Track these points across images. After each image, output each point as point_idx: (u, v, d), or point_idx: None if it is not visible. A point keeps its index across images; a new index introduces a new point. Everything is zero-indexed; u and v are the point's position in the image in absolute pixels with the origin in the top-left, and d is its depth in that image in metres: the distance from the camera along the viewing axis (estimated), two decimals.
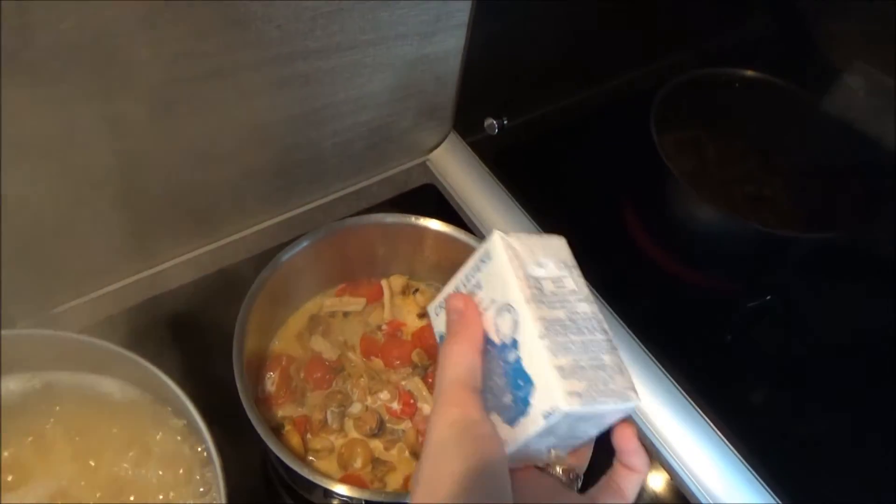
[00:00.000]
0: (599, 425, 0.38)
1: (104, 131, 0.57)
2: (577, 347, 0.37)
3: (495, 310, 0.38)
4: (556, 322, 0.37)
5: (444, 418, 0.35)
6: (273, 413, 0.62)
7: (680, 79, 0.84)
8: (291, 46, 0.62)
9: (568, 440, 0.39)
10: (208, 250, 0.76)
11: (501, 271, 0.39)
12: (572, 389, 0.35)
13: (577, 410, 0.34)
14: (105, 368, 0.57)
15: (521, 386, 0.36)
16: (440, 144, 0.89)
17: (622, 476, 0.39)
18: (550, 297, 0.38)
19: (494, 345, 0.38)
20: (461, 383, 0.36)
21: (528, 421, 0.36)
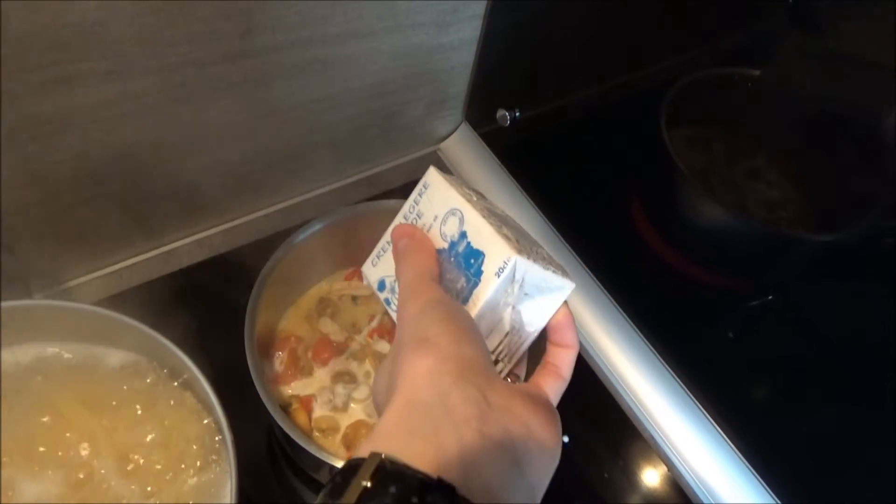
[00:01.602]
0: (543, 311, 0.42)
1: (122, 109, 0.58)
2: (517, 234, 0.43)
3: (439, 222, 0.44)
4: (496, 218, 0.43)
5: (415, 301, 0.38)
6: (280, 391, 0.63)
7: (691, 77, 0.85)
8: (310, 31, 0.63)
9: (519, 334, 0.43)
10: (221, 230, 0.77)
11: (441, 190, 0.46)
12: (519, 247, 0.40)
13: (526, 263, 0.39)
14: (117, 340, 0.58)
15: (472, 263, 0.41)
16: (452, 134, 0.90)
17: (555, 355, 0.42)
18: (485, 209, 0.44)
19: (443, 250, 0.43)
20: (424, 277, 0.41)
21: (482, 287, 0.40)
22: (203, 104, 0.62)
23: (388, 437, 0.32)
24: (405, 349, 0.35)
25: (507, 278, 0.39)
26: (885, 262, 0.79)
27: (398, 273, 0.43)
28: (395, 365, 0.36)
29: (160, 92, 0.59)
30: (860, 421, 0.73)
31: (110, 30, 0.51)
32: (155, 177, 0.66)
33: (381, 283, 0.49)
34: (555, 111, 0.91)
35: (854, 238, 0.79)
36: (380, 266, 0.50)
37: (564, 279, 0.42)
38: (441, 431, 0.31)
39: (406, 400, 0.33)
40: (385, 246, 0.50)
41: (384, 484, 0.28)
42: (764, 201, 0.90)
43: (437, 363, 0.34)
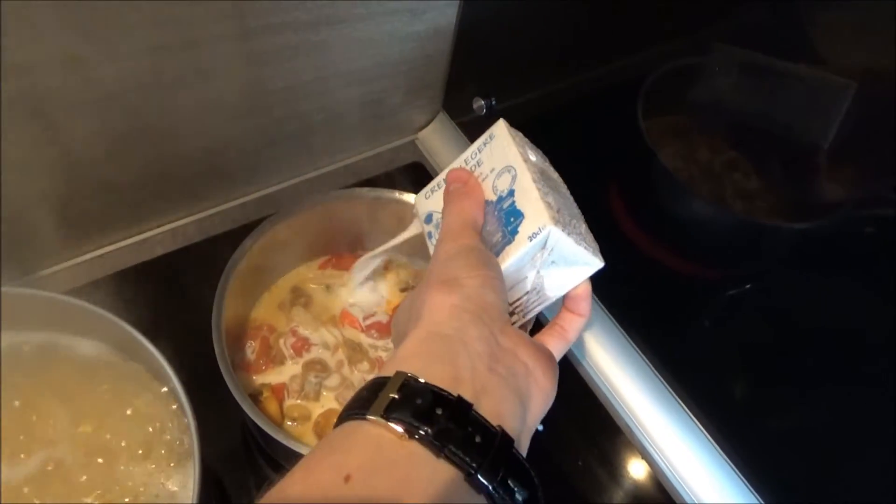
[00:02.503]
0: (566, 281, 0.44)
1: (91, 96, 0.57)
2: (560, 203, 0.44)
3: (494, 175, 0.46)
4: (545, 183, 0.44)
5: (453, 243, 0.41)
6: (252, 380, 0.63)
7: (668, 66, 0.85)
8: (282, 17, 0.62)
9: (537, 296, 0.44)
10: (194, 220, 0.77)
11: (503, 145, 0.47)
12: (557, 218, 0.41)
13: (560, 234, 0.40)
14: (86, 330, 0.57)
15: (511, 222, 0.42)
16: (429, 124, 0.90)
17: (566, 319, 0.45)
18: (541, 172, 0.45)
19: (490, 202, 0.45)
20: (468, 224, 0.43)
21: (513, 247, 0.42)
22: (173, 92, 0.62)
23: (410, 360, 0.35)
24: (433, 285, 0.38)
25: (538, 244, 0.41)
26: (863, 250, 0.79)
27: (444, 213, 0.45)
28: (421, 297, 0.39)
29: (129, 78, 0.58)
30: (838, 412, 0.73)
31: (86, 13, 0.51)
32: (126, 165, 0.66)
33: (428, 216, 0.51)
34: (532, 100, 0.90)
35: (831, 226, 0.79)
36: (432, 200, 0.51)
37: (594, 257, 0.43)
38: (457, 360, 0.35)
39: (428, 330, 0.37)
40: (441, 182, 0.51)
41: (410, 397, 0.32)
42: (742, 191, 0.90)
43: (460, 301, 0.37)
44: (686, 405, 0.71)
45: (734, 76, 0.77)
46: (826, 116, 0.68)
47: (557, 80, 0.91)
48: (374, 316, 0.69)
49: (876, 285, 0.76)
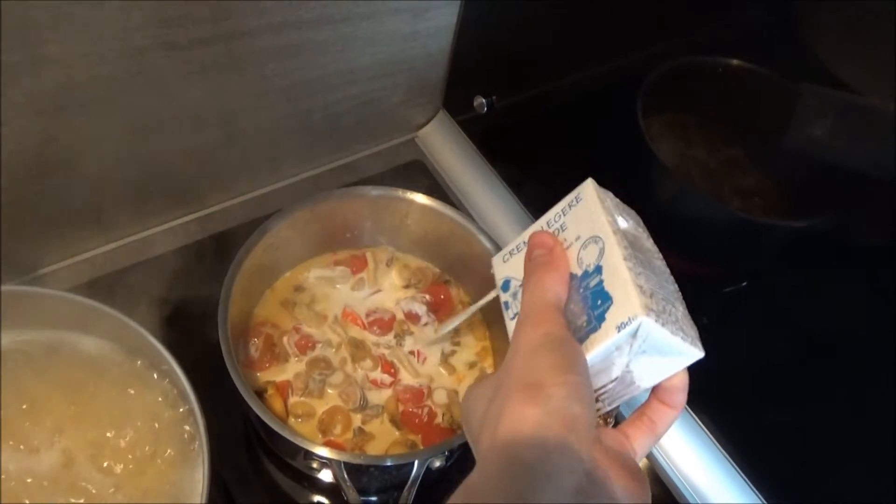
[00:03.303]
0: (659, 371, 0.39)
1: (93, 93, 0.57)
2: (654, 284, 0.39)
3: (580, 244, 0.41)
4: (637, 259, 0.39)
5: (538, 331, 0.37)
6: (256, 377, 0.63)
7: (667, 65, 0.85)
8: (284, 16, 0.62)
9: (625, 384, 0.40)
10: (196, 218, 0.77)
11: (591, 210, 0.42)
12: (649, 305, 0.36)
13: (652, 325, 0.36)
14: (91, 328, 0.57)
15: (598, 305, 0.38)
16: (429, 122, 0.90)
17: (657, 412, 0.40)
18: (632, 244, 0.41)
19: (575, 277, 0.40)
20: (552, 306, 0.38)
21: (598, 335, 0.37)
22: (175, 89, 0.62)
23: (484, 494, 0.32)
24: (515, 390, 0.35)
25: (628, 334, 0.36)
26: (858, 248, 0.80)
27: (526, 285, 0.40)
28: (501, 400, 0.35)
29: (133, 76, 0.58)
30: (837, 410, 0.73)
31: (81, 11, 0.51)
32: (128, 163, 0.66)
33: (506, 282, 0.46)
34: (532, 98, 0.91)
35: (827, 224, 0.79)
36: (510, 264, 0.46)
37: (691, 347, 0.38)
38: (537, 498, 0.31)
39: (506, 454, 0.33)
40: (521, 245, 0.46)
41: None
42: (740, 189, 0.90)
43: (544, 418, 0.33)
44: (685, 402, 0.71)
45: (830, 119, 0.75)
46: None
47: (557, 79, 0.92)
48: (376, 313, 0.69)
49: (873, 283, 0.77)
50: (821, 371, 0.75)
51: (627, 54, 0.93)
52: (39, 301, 0.55)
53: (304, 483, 0.64)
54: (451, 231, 0.68)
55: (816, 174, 0.84)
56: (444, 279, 0.73)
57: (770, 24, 0.87)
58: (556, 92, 0.93)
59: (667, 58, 0.86)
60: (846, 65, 0.77)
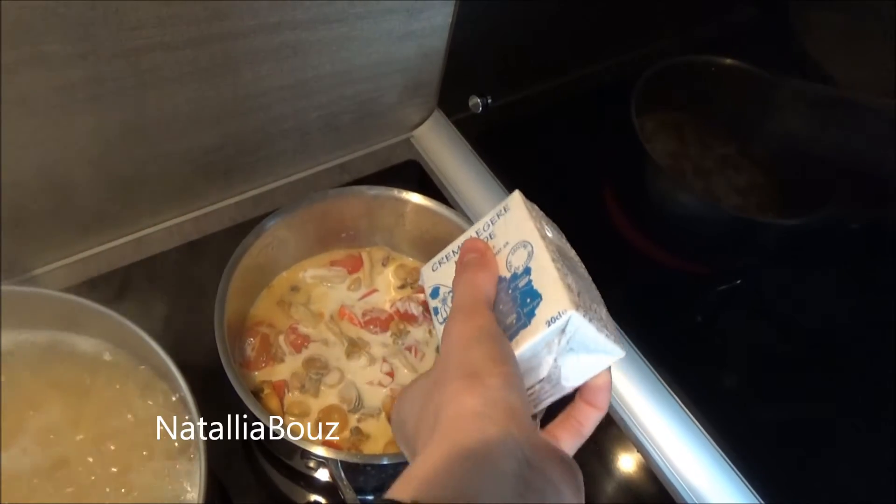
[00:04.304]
0: (584, 370, 0.40)
1: (89, 93, 0.57)
2: (581, 286, 0.40)
3: (508, 249, 0.43)
4: (564, 263, 0.41)
5: (470, 324, 0.38)
6: (252, 377, 0.63)
7: (661, 65, 0.86)
8: (280, 16, 0.62)
9: (552, 384, 0.41)
10: (192, 217, 0.77)
11: (519, 218, 0.44)
12: (577, 302, 0.38)
13: (580, 320, 0.37)
14: (87, 328, 0.57)
15: (528, 303, 0.39)
16: (424, 121, 0.90)
17: (583, 412, 0.41)
18: (558, 250, 0.42)
19: (504, 279, 0.42)
20: (482, 302, 0.39)
21: (528, 330, 0.38)
22: (171, 89, 0.62)
23: (428, 483, 0.31)
24: (452, 381, 0.35)
25: (557, 329, 0.38)
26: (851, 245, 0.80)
27: (455, 284, 0.42)
28: (440, 393, 0.35)
29: (127, 76, 0.58)
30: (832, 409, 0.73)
31: (73, 12, 0.51)
32: (123, 163, 0.66)
33: (435, 289, 0.47)
34: (527, 98, 0.91)
35: (819, 222, 0.80)
36: (440, 272, 0.48)
37: (615, 346, 0.40)
38: (485, 488, 0.31)
39: (450, 444, 0.33)
40: (450, 255, 0.47)
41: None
42: (733, 187, 0.91)
43: (484, 407, 0.33)
44: (681, 400, 0.71)
45: (803, 110, 0.75)
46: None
47: (552, 78, 0.92)
48: (372, 312, 0.69)
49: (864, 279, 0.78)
50: (817, 369, 0.76)
51: (621, 54, 0.94)
52: (35, 301, 0.55)
53: (301, 482, 0.64)
54: (447, 231, 0.69)
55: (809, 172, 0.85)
56: None
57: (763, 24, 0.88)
58: (551, 91, 0.93)
59: (661, 57, 0.87)
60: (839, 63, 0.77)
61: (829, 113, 0.77)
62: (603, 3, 0.86)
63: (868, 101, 0.74)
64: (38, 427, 0.53)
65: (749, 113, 0.88)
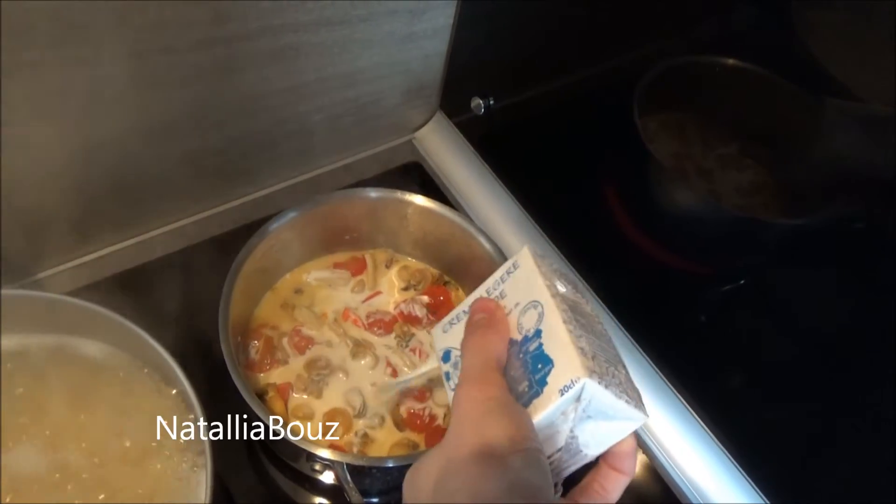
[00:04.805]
0: (605, 437, 0.38)
1: (91, 97, 0.57)
2: (596, 347, 0.38)
3: (519, 311, 0.41)
4: (577, 322, 0.39)
5: (483, 393, 0.36)
6: (256, 379, 0.63)
7: (663, 65, 0.86)
8: (282, 19, 0.62)
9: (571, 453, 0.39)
10: (195, 220, 0.77)
11: (529, 275, 0.42)
12: (592, 367, 0.36)
13: (595, 387, 0.35)
14: (91, 331, 0.57)
15: (539, 369, 0.37)
16: (426, 123, 0.90)
17: (608, 478, 0.39)
18: (571, 308, 0.40)
19: (515, 342, 0.40)
20: (493, 369, 0.38)
21: (541, 400, 0.36)
22: (173, 92, 0.62)
23: None
24: (469, 462, 0.33)
25: (571, 398, 0.36)
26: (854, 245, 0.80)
27: (465, 346, 0.40)
28: (454, 475, 0.33)
29: (130, 79, 0.58)
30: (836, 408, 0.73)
31: (77, 15, 0.51)
32: (126, 165, 0.66)
33: (446, 353, 0.45)
34: (529, 99, 0.91)
35: (823, 222, 0.80)
36: (450, 334, 0.46)
37: (636, 410, 0.38)
38: None
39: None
40: (461, 315, 0.46)
41: None
42: (736, 187, 0.91)
43: (505, 493, 0.31)
44: (685, 400, 0.71)
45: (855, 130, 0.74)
46: None
47: (554, 79, 0.92)
48: (376, 314, 0.69)
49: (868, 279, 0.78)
50: (821, 369, 0.76)
51: (624, 54, 0.94)
52: (39, 305, 0.55)
53: (307, 485, 0.64)
54: (450, 232, 0.69)
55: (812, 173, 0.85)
56: (443, 280, 0.73)
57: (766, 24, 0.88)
58: (553, 92, 0.93)
59: (663, 58, 0.87)
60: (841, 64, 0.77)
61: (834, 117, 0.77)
62: (605, 4, 0.86)
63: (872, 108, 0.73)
64: (43, 430, 0.53)
65: (752, 113, 0.88)
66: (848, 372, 0.74)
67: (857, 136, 0.74)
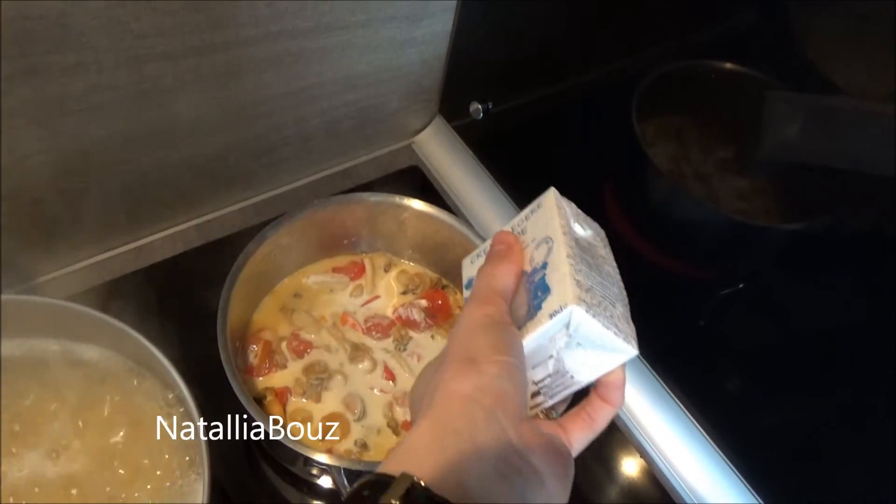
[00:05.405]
0: (595, 367, 0.40)
1: (91, 103, 0.58)
2: (595, 282, 0.40)
3: (534, 245, 0.43)
4: (583, 260, 0.41)
5: (481, 311, 0.39)
6: (255, 384, 0.64)
7: (662, 69, 0.86)
8: (281, 24, 0.63)
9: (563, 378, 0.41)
10: (195, 224, 0.77)
11: (547, 215, 0.44)
12: (583, 298, 0.38)
13: (583, 315, 0.37)
14: (90, 336, 0.57)
15: (538, 296, 0.40)
16: (426, 127, 0.90)
17: (596, 407, 0.41)
18: (583, 248, 0.43)
19: (526, 273, 0.42)
20: (497, 292, 0.41)
21: (533, 323, 0.39)
22: (173, 98, 0.62)
23: (417, 458, 0.33)
24: (451, 363, 0.37)
25: (560, 323, 0.38)
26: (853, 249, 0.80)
27: (479, 272, 0.43)
28: (438, 375, 0.37)
29: (129, 85, 0.58)
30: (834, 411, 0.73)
31: (76, 22, 0.51)
32: (126, 171, 0.66)
33: (469, 281, 0.48)
34: (528, 104, 0.91)
35: (822, 227, 0.80)
36: (476, 265, 0.48)
37: (626, 344, 0.39)
38: (466, 464, 0.33)
39: (438, 422, 0.35)
40: (487, 248, 0.47)
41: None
42: (735, 192, 0.91)
43: (474, 391, 0.35)
44: (683, 404, 0.72)
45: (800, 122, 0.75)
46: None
47: (552, 84, 0.92)
48: (374, 318, 0.70)
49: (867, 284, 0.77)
50: (818, 371, 0.76)
51: (622, 59, 0.94)
52: (38, 310, 0.55)
53: (304, 489, 0.64)
54: (449, 236, 0.69)
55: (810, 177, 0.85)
56: (441, 285, 0.73)
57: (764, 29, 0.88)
58: (552, 97, 0.93)
59: (661, 62, 0.87)
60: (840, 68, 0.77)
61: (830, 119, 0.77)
62: (603, 8, 0.86)
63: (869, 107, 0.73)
64: (41, 435, 0.53)
65: (750, 118, 0.88)
66: (845, 376, 0.74)
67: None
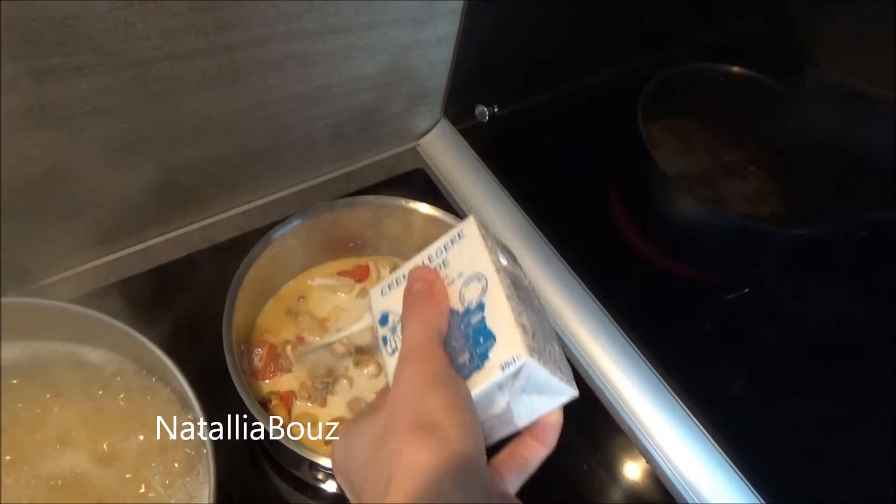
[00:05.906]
0: (535, 409, 0.40)
1: (96, 104, 0.58)
2: (534, 322, 0.40)
3: (462, 281, 0.41)
4: (519, 298, 0.40)
5: (422, 368, 0.36)
6: (260, 387, 0.63)
7: (668, 72, 0.86)
8: (287, 26, 0.62)
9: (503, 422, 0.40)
10: (199, 227, 0.77)
11: (474, 247, 0.42)
12: (532, 346, 0.37)
13: (535, 365, 0.36)
14: (94, 338, 0.57)
15: (481, 343, 0.38)
16: (431, 130, 0.90)
17: (530, 448, 0.40)
18: (513, 282, 0.41)
19: (456, 313, 0.40)
20: (434, 342, 0.38)
21: (482, 374, 0.37)
22: (178, 99, 0.62)
23: None
24: (407, 432, 0.34)
25: (511, 374, 0.37)
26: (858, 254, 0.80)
27: (405, 319, 0.40)
28: (392, 442, 0.34)
29: (135, 87, 0.58)
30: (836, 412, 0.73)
31: (82, 24, 0.51)
32: (130, 173, 0.66)
33: (384, 316, 0.45)
34: (533, 106, 0.91)
35: (827, 231, 0.79)
36: (389, 298, 0.45)
37: (567, 386, 0.39)
38: None
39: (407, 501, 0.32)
40: (400, 279, 0.45)
41: None
42: (741, 195, 0.91)
43: (441, 461, 0.32)
44: (687, 407, 0.71)
45: (827, 102, 0.74)
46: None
47: (558, 87, 0.92)
48: None
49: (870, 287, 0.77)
50: (820, 373, 0.76)
51: (628, 62, 0.94)
52: (43, 312, 0.55)
53: (309, 493, 0.64)
54: None
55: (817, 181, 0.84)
56: None
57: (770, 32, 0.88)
58: (557, 100, 0.93)
59: (667, 65, 0.87)
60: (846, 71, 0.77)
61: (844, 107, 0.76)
62: (609, 11, 0.86)
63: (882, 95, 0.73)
64: (45, 438, 0.53)
65: (756, 121, 0.88)
66: (848, 378, 0.73)
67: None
